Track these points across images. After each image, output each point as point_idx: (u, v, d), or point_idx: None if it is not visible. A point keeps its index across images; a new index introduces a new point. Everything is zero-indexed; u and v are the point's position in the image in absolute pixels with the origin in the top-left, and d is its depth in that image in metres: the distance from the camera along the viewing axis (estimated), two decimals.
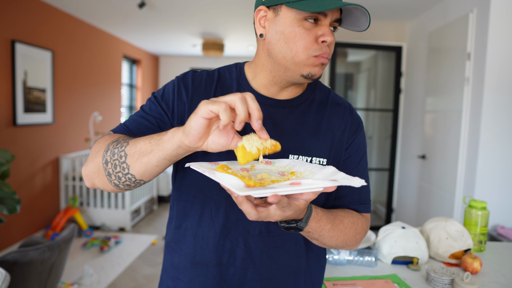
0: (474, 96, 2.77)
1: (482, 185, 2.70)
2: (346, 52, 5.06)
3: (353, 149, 0.88)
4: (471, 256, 1.31)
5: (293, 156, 0.81)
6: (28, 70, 3.59)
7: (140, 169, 0.70)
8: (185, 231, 0.85)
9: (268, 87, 0.83)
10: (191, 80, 0.85)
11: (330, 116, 0.87)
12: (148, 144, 0.68)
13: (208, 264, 0.83)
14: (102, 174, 0.74)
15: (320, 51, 0.74)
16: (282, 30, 0.74)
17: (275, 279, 0.84)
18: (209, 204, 0.82)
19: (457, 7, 3.08)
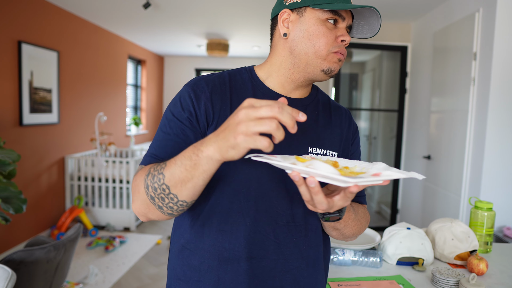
0: (480, 96, 2.75)
1: (488, 185, 2.68)
2: (351, 52, 5.05)
3: (355, 147, 1.00)
4: (477, 257, 1.30)
5: (312, 148, 0.87)
6: (34, 71, 3.61)
7: (189, 194, 0.71)
8: (209, 228, 0.83)
9: (284, 85, 0.89)
10: (204, 82, 0.85)
11: (335, 116, 0.96)
12: (186, 172, 0.67)
13: (239, 259, 0.82)
14: (153, 209, 0.75)
15: (339, 48, 0.83)
16: (307, 29, 0.83)
17: (301, 270, 0.87)
18: (238, 197, 0.82)
19: (463, 7, 3.06)
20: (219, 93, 0.84)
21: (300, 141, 0.86)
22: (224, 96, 0.84)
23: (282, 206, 0.84)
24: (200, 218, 0.85)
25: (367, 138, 5.76)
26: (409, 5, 3.56)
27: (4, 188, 2.27)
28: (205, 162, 0.65)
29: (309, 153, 0.87)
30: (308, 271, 0.88)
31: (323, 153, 0.88)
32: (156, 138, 0.84)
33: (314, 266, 0.90)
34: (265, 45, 5.91)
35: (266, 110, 0.57)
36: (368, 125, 5.79)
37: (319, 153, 0.88)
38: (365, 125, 6.03)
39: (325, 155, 0.88)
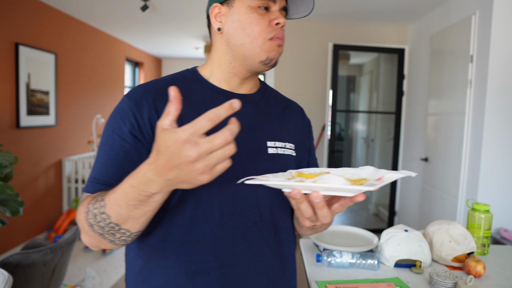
0: (476, 98, 2.76)
1: (485, 188, 2.68)
2: (348, 55, 5.07)
3: (311, 141, 1.00)
4: (475, 260, 1.31)
5: (270, 142, 0.85)
6: (32, 73, 3.60)
7: (142, 225, 0.67)
8: (171, 242, 0.76)
9: (228, 80, 0.86)
10: (145, 90, 0.79)
11: (288, 109, 0.96)
12: (135, 210, 0.62)
13: (209, 270, 0.76)
14: (105, 242, 0.70)
15: (275, 32, 0.81)
16: (238, 19, 0.80)
17: (275, 269, 0.84)
18: (200, 203, 0.76)
19: (460, 10, 3.08)
20: (163, 99, 0.77)
21: (257, 137, 0.84)
22: (168, 99, 0.77)
23: (248, 206, 0.79)
24: (158, 233, 0.77)
25: (364, 140, 5.77)
26: (406, 8, 3.58)
27: (0, 190, 2.26)
28: (159, 198, 0.61)
29: (268, 147, 0.84)
30: (282, 270, 0.86)
31: (283, 146, 0.87)
32: (97, 159, 0.76)
33: (287, 263, 0.87)
34: None
35: (220, 142, 0.52)
36: (365, 128, 5.81)
37: (279, 146, 0.86)
38: (362, 127, 6.04)
39: (284, 147, 0.87)
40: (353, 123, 6.86)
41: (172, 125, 0.54)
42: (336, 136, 6.86)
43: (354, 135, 6.67)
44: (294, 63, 4.26)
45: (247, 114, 0.85)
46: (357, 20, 4.11)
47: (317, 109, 4.27)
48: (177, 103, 0.55)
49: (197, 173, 0.53)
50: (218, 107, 0.53)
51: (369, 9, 3.68)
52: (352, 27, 4.24)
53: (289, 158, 0.88)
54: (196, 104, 0.80)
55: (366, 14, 3.85)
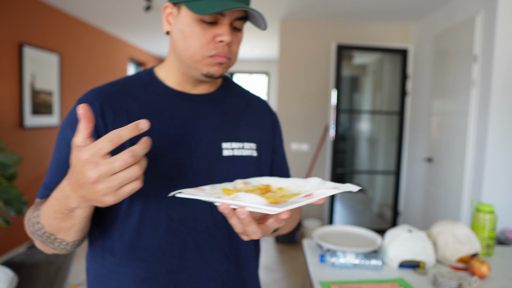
0: (481, 98, 2.75)
1: (490, 188, 2.67)
2: (352, 55, 5.06)
3: (278, 138, 0.96)
4: (479, 260, 1.30)
5: (226, 144, 0.82)
6: (36, 73, 3.62)
7: (77, 235, 0.68)
8: (121, 248, 0.76)
9: (182, 83, 0.83)
10: (94, 95, 0.78)
11: (251, 106, 0.92)
12: (63, 222, 0.63)
13: (158, 276, 0.76)
14: (50, 249, 0.72)
15: (216, 50, 0.74)
16: (182, 29, 0.75)
17: (231, 273, 0.83)
18: (148, 209, 0.75)
19: (464, 9, 3.06)
20: (111, 104, 0.76)
21: (212, 138, 0.81)
22: (118, 104, 0.77)
23: (201, 211, 0.78)
24: (108, 238, 0.77)
25: (368, 141, 5.76)
26: (410, 8, 3.57)
27: (5, 190, 2.28)
28: (81, 212, 0.61)
29: (223, 149, 0.82)
30: (238, 273, 0.85)
31: (240, 147, 0.84)
32: (49, 165, 0.77)
33: (246, 264, 0.87)
34: (266, 47, 5.92)
35: (119, 164, 0.51)
36: (369, 128, 5.79)
37: (235, 147, 0.83)
38: (366, 127, 6.03)
39: (242, 148, 0.84)
40: (356, 123, 6.85)
41: (85, 142, 0.54)
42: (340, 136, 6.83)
43: (358, 135, 6.65)
44: (297, 63, 4.26)
45: (202, 115, 0.83)
46: (360, 20, 4.10)
47: (320, 109, 4.26)
48: (87, 121, 0.54)
49: (100, 194, 0.53)
50: (122, 128, 0.52)
51: (373, 9, 3.67)
52: (356, 27, 4.23)
53: (248, 159, 0.85)
54: (149, 107, 0.79)
55: (369, 14, 3.85)
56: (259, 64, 7.42)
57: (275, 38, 4.98)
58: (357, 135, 6.75)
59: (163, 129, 0.77)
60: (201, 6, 0.70)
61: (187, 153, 0.78)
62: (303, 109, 4.27)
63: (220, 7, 0.68)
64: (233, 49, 0.77)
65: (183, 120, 0.80)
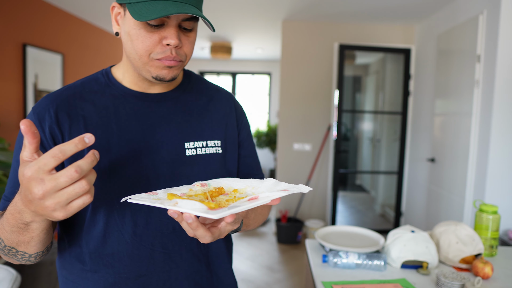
0: (484, 98, 2.74)
1: (493, 188, 2.66)
2: (354, 55, 5.05)
3: (244, 132, 0.94)
4: (482, 261, 1.30)
5: (188, 143, 0.81)
6: (39, 73, 3.63)
7: (38, 247, 0.67)
8: (88, 254, 0.76)
9: (139, 83, 0.81)
10: (48, 101, 0.76)
11: (214, 101, 0.90)
12: (21, 236, 0.63)
13: (127, 280, 0.76)
14: (14, 261, 0.72)
15: (163, 54, 0.71)
16: (128, 31, 0.72)
17: (202, 272, 0.83)
18: (112, 215, 0.75)
19: (467, 9, 3.06)
20: (67, 110, 0.75)
21: (174, 139, 0.80)
22: (73, 109, 0.75)
23: (165, 214, 0.77)
24: (76, 245, 0.77)
25: (370, 141, 5.75)
26: (413, 8, 3.56)
27: None
28: (37, 226, 0.61)
29: (186, 149, 0.81)
30: (211, 270, 0.85)
31: (203, 145, 0.83)
32: (9, 175, 0.75)
33: (217, 261, 0.87)
34: (268, 47, 5.92)
35: (64, 180, 0.50)
36: (371, 128, 5.79)
37: (198, 146, 0.82)
38: (368, 127, 6.03)
39: (206, 146, 0.83)
40: (359, 123, 6.84)
41: (32, 156, 0.53)
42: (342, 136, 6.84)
43: (360, 135, 6.65)
44: (299, 63, 4.26)
45: (162, 115, 0.81)
46: (363, 20, 4.10)
47: (322, 109, 4.26)
48: (30, 137, 0.53)
49: (49, 210, 0.52)
50: (67, 143, 0.51)
51: (375, 9, 3.66)
52: (358, 27, 4.23)
53: (212, 156, 0.84)
54: (105, 110, 0.77)
55: (372, 14, 3.84)
56: (261, 64, 7.42)
57: (277, 38, 4.98)
58: (359, 135, 6.74)
59: (122, 133, 0.76)
60: (141, 11, 0.66)
61: (149, 156, 0.77)
62: (305, 109, 4.27)
63: (158, 13, 0.64)
64: (184, 50, 0.74)
65: (143, 122, 0.78)
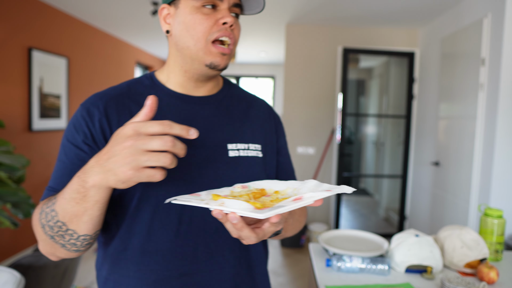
0: (489, 102, 2.73)
1: (498, 192, 2.64)
2: (358, 58, 5.05)
3: (282, 139, 0.97)
4: (488, 266, 1.29)
5: (231, 145, 0.83)
6: (44, 77, 3.66)
7: (88, 227, 0.66)
8: (132, 251, 0.76)
9: (184, 84, 0.84)
10: (98, 98, 0.79)
11: (253, 108, 0.93)
12: (77, 206, 0.62)
13: (170, 279, 0.76)
14: (57, 247, 0.70)
15: (220, 32, 0.77)
16: (183, 20, 0.78)
17: (243, 275, 0.83)
18: (158, 213, 0.75)
19: (471, 12, 3.05)
20: (115, 106, 0.78)
21: (217, 140, 0.82)
22: (121, 108, 0.78)
23: (209, 213, 0.76)
24: (120, 243, 0.77)
25: (374, 144, 5.73)
26: (417, 11, 3.56)
27: (13, 193, 2.30)
28: (94, 193, 0.61)
29: (229, 150, 0.82)
30: (251, 274, 0.85)
31: (246, 147, 0.84)
32: (54, 169, 0.78)
33: (256, 266, 0.87)
34: (272, 51, 5.93)
35: (157, 142, 0.53)
36: (375, 131, 5.77)
37: (240, 148, 0.83)
38: (372, 131, 6.01)
39: (248, 149, 0.84)
40: (363, 127, 6.83)
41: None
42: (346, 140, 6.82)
43: (364, 139, 6.63)
44: (303, 67, 4.26)
45: (205, 117, 0.83)
46: (367, 24, 4.10)
47: (326, 112, 4.26)
48: (148, 110, 0.58)
49: (122, 163, 0.54)
50: (176, 123, 0.56)
51: (379, 13, 3.66)
52: (362, 30, 4.23)
53: (254, 160, 0.85)
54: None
55: (376, 18, 3.84)
56: (265, 67, 7.43)
57: (281, 42, 4.98)
58: (363, 138, 6.72)
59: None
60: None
61: (193, 156, 0.77)
62: (309, 113, 4.27)
63: None
64: (235, 33, 0.80)
65: (187, 123, 0.80)
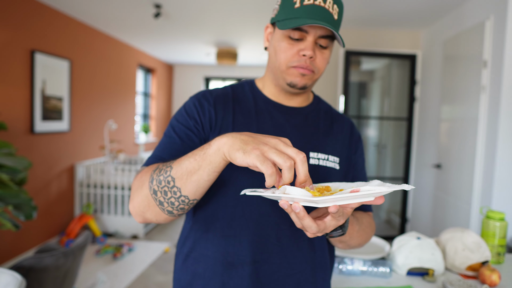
0: (491, 104, 2.72)
1: (500, 195, 2.63)
2: (360, 61, 5.05)
3: (359, 156, 1.02)
4: (489, 268, 1.28)
5: (313, 153, 0.90)
6: (47, 79, 3.67)
7: (192, 188, 0.71)
8: (213, 234, 0.85)
9: (276, 94, 0.94)
10: (208, 93, 0.92)
11: (337, 123, 1.00)
12: (194, 162, 0.69)
13: (243, 263, 0.83)
14: (153, 205, 0.75)
15: (298, 62, 0.85)
16: (274, 44, 0.88)
17: (305, 274, 0.87)
18: (240, 202, 0.84)
19: (473, 14, 3.05)
20: (222, 103, 0.90)
21: (302, 147, 0.89)
22: (226, 106, 0.90)
23: (284, 210, 0.83)
24: (203, 225, 0.87)
25: (376, 146, 5.72)
26: (419, 13, 3.56)
27: (15, 195, 2.30)
28: (214, 152, 0.67)
29: (310, 158, 0.89)
30: (314, 276, 0.88)
31: (325, 158, 0.91)
32: (161, 142, 0.88)
33: (320, 270, 0.90)
34: None
35: (293, 152, 0.62)
36: (377, 134, 5.76)
37: (321, 157, 0.90)
38: (374, 133, 6.00)
39: (327, 160, 0.91)
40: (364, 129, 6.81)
41: None
42: None
43: (366, 141, 6.61)
44: None
45: (294, 125, 0.93)
46: (369, 26, 4.10)
47: None
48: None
49: (258, 147, 0.62)
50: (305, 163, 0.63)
51: (381, 15, 3.66)
52: (364, 32, 4.23)
53: (331, 170, 0.91)
54: (249, 113, 0.91)
55: (378, 20, 3.84)
56: None
57: None
58: (365, 141, 6.70)
59: (260, 132, 0.88)
60: (285, 24, 0.82)
61: None
62: None
63: (295, 23, 0.79)
64: (317, 63, 0.86)
65: (277, 128, 0.90)
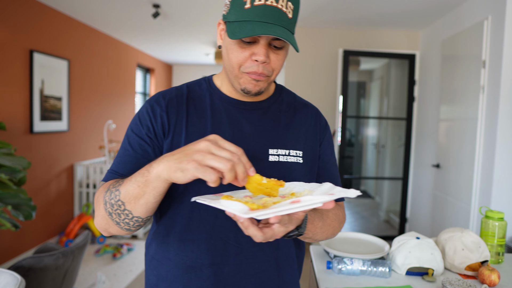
0: (489, 104, 2.73)
1: (499, 195, 2.64)
2: (359, 61, 5.05)
3: (325, 144, 0.99)
4: (489, 268, 1.28)
5: (272, 150, 0.88)
6: (45, 79, 3.67)
7: (142, 210, 0.73)
8: (173, 238, 0.86)
9: (233, 92, 0.90)
10: (161, 96, 0.88)
11: (300, 114, 0.96)
12: (138, 188, 0.70)
13: (202, 267, 0.84)
14: (112, 224, 0.78)
15: (251, 69, 0.79)
16: (226, 45, 0.82)
17: (269, 272, 0.88)
18: (197, 207, 0.83)
19: (472, 15, 3.05)
20: (175, 105, 0.87)
21: (259, 144, 0.87)
22: (180, 108, 0.87)
23: None
24: (164, 229, 0.88)
25: (375, 146, 5.73)
26: (418, 13, 3.56)
27: (14, 195, 2.30)
28: (154, 179, 0.67)
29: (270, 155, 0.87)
30: (278, 273, 0.89)
31: (286, 153, 0.89)
32: (118, 155, 0.86)
33: (286, 266, 0.90)
34: None
35: (226, 154, 0.62)
36: (376, 133, 5.77)
37: (281, 153, 0.88)
38: (373, 133, 6.01)
39: (288, 155, 0.89)
40: (363, 129, 6.83)
41: None
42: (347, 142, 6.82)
43: (365, 141, 6.63)
44: (304, 69, 4.27)
45: (252, 121, 0.90)
46: (367, 26, 4.10)
47: (327, 115, 4.26)
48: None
49: (192, 159, 0.61)
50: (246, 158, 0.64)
51: (380, 15, 3.67)
52: (363, 32, 4.23)
53: (293, 165, 0.89)
54: (204, 113, 0.88)
55: (376, 20, 3.85)
56: None
57: None
58: (364, 141, 6.72)
59: (215, 132, 0.86)
60: (234, 30, 0.75)
61: None
62: None
63: (245, 33, 0.73)
64: (272, 66, 0.81)
65: (234, 126, 0.88)
